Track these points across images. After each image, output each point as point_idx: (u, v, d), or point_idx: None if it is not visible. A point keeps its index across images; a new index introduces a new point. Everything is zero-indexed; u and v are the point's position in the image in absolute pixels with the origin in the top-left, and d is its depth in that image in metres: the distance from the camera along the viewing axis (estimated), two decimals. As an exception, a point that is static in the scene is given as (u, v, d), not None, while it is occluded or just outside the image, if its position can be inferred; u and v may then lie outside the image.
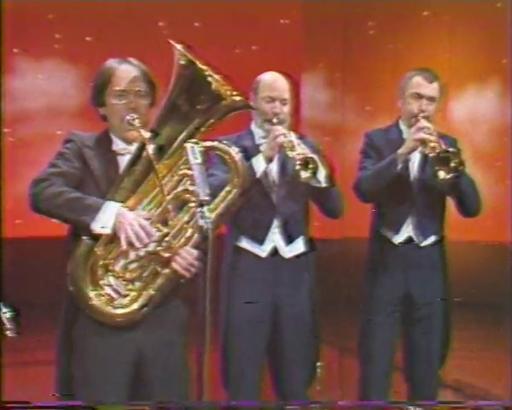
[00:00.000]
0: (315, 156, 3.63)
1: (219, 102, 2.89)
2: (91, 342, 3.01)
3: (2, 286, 4.14)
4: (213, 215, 2.85)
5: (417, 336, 4.17)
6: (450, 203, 4.21)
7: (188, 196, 2.89)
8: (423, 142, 3.95)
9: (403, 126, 4.20)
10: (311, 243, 3.95)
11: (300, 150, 3.63)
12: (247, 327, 3.82)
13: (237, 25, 9.41)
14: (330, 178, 3.72)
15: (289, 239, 3.87)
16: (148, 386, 3.06)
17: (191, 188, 2.84)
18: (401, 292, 4.15)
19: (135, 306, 2.97)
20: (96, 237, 2.93)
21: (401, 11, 9.65)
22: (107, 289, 2.97)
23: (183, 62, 2.88)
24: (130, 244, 2.88)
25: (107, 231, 2.89)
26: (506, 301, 7.29)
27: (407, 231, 4.15)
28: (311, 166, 3.59)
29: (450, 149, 3.89)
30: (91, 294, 2.95)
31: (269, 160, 3.75)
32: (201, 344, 2.54)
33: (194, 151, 2.75)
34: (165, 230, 2.94)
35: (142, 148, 2.93)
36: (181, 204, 2.95)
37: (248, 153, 3.75)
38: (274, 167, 3.87)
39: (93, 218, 2.88)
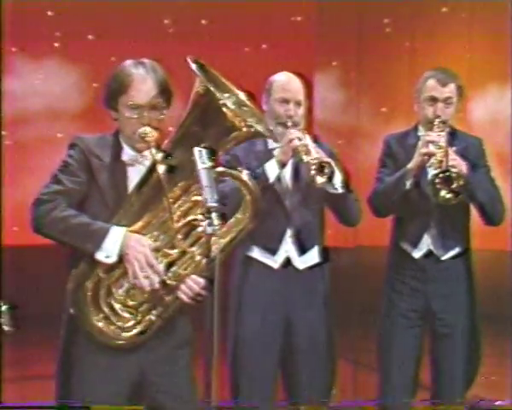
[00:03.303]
0: (331, 161, 3.63)
1: (233, 132, 2.90)
2: (91, 360, 3.02)
3: (1, 295, 4.17)
4: (223, 242, 2.90)
5: (441, 353, 4.14)
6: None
7: (197, 222, 2.91)
8: (431, 156, 3.95)
9: (421, 132, 4.20)
10: (325, 253, 3.92)
11: (315, 155, 3.62)
12: (258, 342, 3.81)
13: (246, 22, 9.43)
14: (346, 183, 3.71)
15: (303, 249, 3.86)
16: (150, 403, 3.08)
17: (200, 217, 2.86)
18: (422, 306, 4.14)
19: (135, 331, 2.99)
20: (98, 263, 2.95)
21: (418, 8, 9.65)
22: (109, 313, 2.98)
23: (201, 91, 2.88)
24: (137, 280, 2.90)
25: (112, 260, 2.91)
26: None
27: (426, 245, 4.13)
28: (326, 170, 3.58)
29: (453, 170, 3.89)
30: (92, 316, 2.97)
31: (282, 165, 3.75)
32: (209, 354, 2.55)
33: (201, 155, 2.75)
34: (173, 253, 2.95)
35: (153, 168, 2.92)
36: (189, 229, 2.96)
37: (261, 158, 3.77)
38: (287, 173, 3.86)
39: (98, 246, 2.89)
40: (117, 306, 2.98)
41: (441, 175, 3.87)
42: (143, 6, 9.07)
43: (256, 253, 3.85)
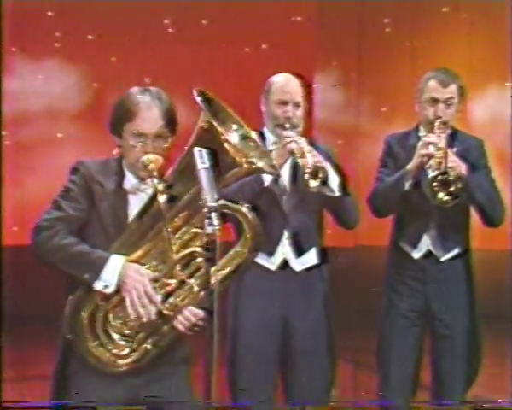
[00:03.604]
0: (326, 165, 3.62)
1: (234, 168, 2.90)
2: (86, 379, 3.03)
3: (1, 294, 4.18)
4: (222, 274, 2.91)
5: (441, 353, 4.16)
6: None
7: (197, 254, 2.92)
8: (430, 157, 3.96)
9: (422, 132, 4.20)
10: (323, 254, 3.93)
11: (310, 159, 3.62)
12: (256, 343, 3.81)
13: (246, 22, 9.42)
14: (344, 186, 3.72)
15: (300, 251, 3.86)
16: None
17: (199, 250, 2.89)
18: (421, 307, 4.14)
19: (130, 359, 2.99)
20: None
21: (419, 8, 9.65)
22: (105, 340, 2.99)
23: (204, 126, 2.88)
24: (135, 310, 2.90)
25: (111, 290, 2.91)
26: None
27: (426, 245, 4.15)
28: (320, 175, 3.59)
29: (452, 173, 3.89)
30: (88, 343, 2.98)
31: (278, 167, 3.75)
32: (209, 356, 2.56)
33: (201, 155, 2.76)
34: (171, 283, 2.95)
35: (154, 197, 2.92)
36: (189, 260, 2.96)
37: None
38: (285, 175, 3.87)
39: (96, 276, 2.89)
40: (113, 333, 2.99)
41: (439, 177, 3.88)
42: (143, 6, 9.07)
43: (253, 255, 3.85)
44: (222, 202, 2.84)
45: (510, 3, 8.69)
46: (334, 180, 3.68)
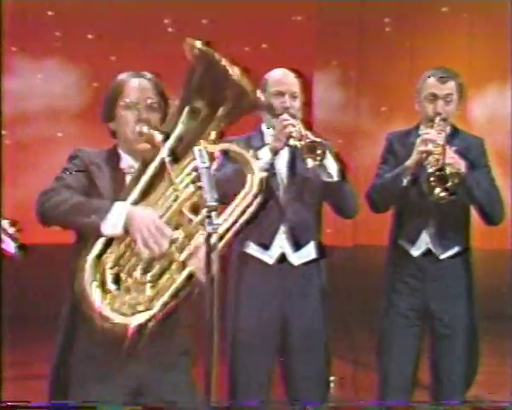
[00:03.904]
0: (324, 142, 3.64)
1: (241, 98, 2.90)
2: (90, 369, 3.01)
3: (1, 294, 4.18)
4: (230, 219, 2.86)
5: (440, 353, 4.15)
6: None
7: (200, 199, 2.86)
8: (429, 154, 3.97)
9: (422, 130, 4.21)
10: (321, 249, 3.94)
11: (310, 135, 3.65)
12: (255, 340, 3.82)
13: (247, 22, 9.43)
14: (343, 173, 3.73)
15: (298, 245, 3.87)
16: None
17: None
18: (421, 306, 4.15)
19: (146, 315, 2.87)
20: (106, 244, 2.89)
21: (419, 8, 9.66)
22: (116, 294, 2.89)
23: (196, 52, 2.90)
24: (146, 246, 2.84)
25: (118, 231, 2.84)
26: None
27: (425, 243, 4.15)
28: (318, 151, 3.60)
29: (449, 169, 3.90)
30: (99, 300, 2.87)
31: (275, 152, 3.77)
32: (209, 354, 2.56)
33: (202, 155, 2.76)
34: (179, 233, 2.90)
35: (147, 165, 2.93)
36: (193, 208, 2.92)
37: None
38: (283, 167, 3.88)
39: (103, 217, 2.84)
40: (124, 280, 2.89)
41: (437, 173, 3.89)
42: (143, 6, 9.08)
43: (251, 248, 3.86)
44: (224, 145, 2.88)
45: (510, 3, 8.70)
46: (332, 166, 3.69)
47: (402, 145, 4.22)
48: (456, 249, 4.17)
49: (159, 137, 2.92)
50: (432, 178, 3.90)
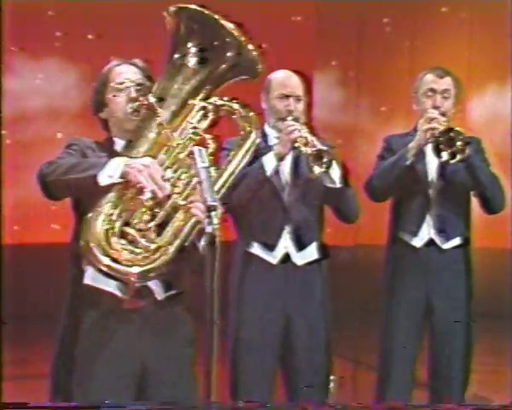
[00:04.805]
0: (329, 149, 3.64)
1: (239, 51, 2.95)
2: (94, 354, 3.02)
3: (1, 293, 4.18)
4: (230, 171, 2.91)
5: (439, 350, 4.16)
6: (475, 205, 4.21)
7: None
8: (433, 132, 3.98)
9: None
10: (324, 249, 3.94)
11: (316, 143, 3.65)
12: (258, 340, 3.83)
13: (246, 22, 9.42)
14: (345, 178, 3.74)
15: (301, 245, 3.87)
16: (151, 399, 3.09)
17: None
18: (422, 300, 4.15)
19: (154, 264, 2.85)
20: (108, 201, 2.88)
21: (418, 7, 9.66)
22: (120, 247, 2.85)
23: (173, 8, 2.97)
24: (149, 185, 2.81)
25: (115, 179, 2.83)
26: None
27: (427, 233, 4.16)
28: (325, 159, 3.60)
29: (457, 129, 3.92)
30: (104, 252, 2.83)
31: (280, 158, 3.76)
32: (209, 350, 2.56)
33: (201, 154, 2.76)
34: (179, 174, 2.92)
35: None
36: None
37: (261, 154, 3.78)
38: (287, 168, 3.88)
39: (100, 170, 2.82)
40: (129, 232, 2.87)
41: (445, 135, 3.90)
42: (143, 5, 9.07)
43: (255, 249, 3.86)
44: (221, 101, 2.96)
45: (510, 3, 8.70)
46: (336, 172, 3.69)
47: (401, 146, 4.23)
48: (458, 240, 4.17)
49: (151, 99, 2.97)
50: (441, 139, 3.90)
